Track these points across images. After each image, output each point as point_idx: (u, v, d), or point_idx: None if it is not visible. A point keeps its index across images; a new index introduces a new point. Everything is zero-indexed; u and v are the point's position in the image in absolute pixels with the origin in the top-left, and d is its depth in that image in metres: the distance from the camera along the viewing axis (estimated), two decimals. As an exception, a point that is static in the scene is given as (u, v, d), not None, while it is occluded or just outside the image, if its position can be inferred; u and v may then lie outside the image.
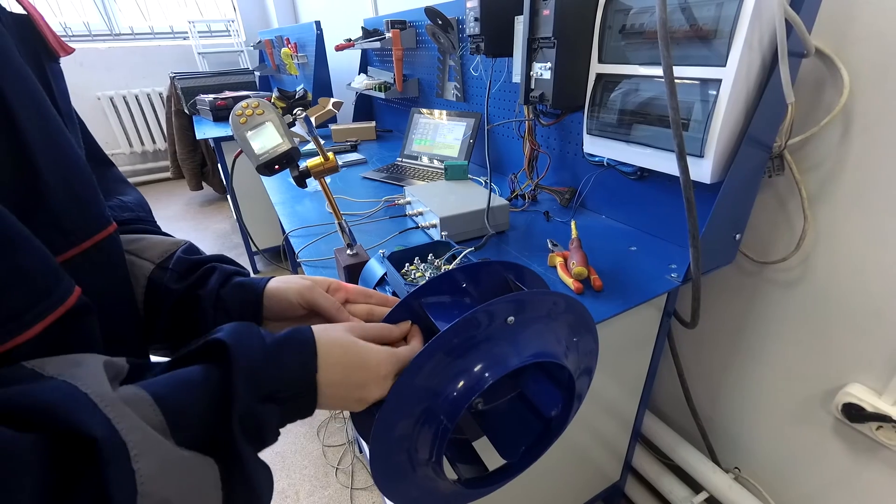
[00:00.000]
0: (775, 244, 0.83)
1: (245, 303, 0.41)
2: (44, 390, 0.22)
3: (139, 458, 0.22)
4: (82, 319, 0.28)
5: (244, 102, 0.54)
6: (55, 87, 0.32)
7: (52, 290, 0.25)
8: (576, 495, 1.07)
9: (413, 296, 0.39)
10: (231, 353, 0.28)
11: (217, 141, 2.10)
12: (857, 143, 0.68)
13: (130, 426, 0.22)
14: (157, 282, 0.40)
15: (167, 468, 0.23)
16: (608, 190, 1.00)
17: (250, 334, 0.30)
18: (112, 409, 0.22)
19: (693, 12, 0.67)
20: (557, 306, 0.37)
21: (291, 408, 0.30)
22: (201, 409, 0.26)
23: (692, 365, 1.07)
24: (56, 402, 0.21)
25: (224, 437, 0.27)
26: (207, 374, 0.28)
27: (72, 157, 0.30)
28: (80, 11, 3.48)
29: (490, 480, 0.42)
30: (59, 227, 0.28)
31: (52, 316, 0.25)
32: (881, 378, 0.73)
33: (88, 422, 0.21)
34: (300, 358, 0.31)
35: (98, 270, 0.32)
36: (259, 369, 0.29)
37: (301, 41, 2.53)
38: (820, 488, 0.88)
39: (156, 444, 0.23)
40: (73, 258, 0.29)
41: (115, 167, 0.46)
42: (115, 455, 0.21)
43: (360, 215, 1.07)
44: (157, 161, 4.02)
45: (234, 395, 0.27)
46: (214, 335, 0.29)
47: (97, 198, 0.32)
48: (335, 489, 1.30)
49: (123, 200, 0.44)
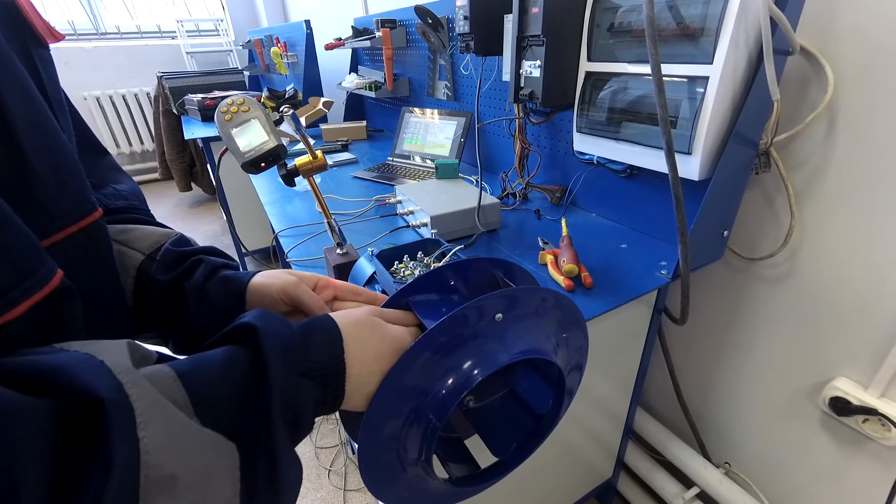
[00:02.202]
0: (763, 240, 0.84)
1: (228, 296, 0.41)
2: (58, 357, 0.22)
3: (146, 425, 0.21)
4: (65, 302, 0.27)
5: (229, 99, 0.53)
6: (43, 74, 0.32)
7: (36, 269, 0.25)
8: (569, 493, 1.07)
9: (400, 294, 0.39)
10: (261, 332, 0.28)
11: (206, 141, 2.08)
12: (841, 139, 0.69)
13: (142, 394, 0.22)
14: (146, 272, 0.40)
15: (178, 442, 0.22)
16: (598, 188, 1.00)
17: (275, 318, 0.30)
18: (126, 376, 0.22)
19: (680, 10, 0.67)
20: (546, 302, 0.37)
21: (323, 387, 0.30)
22: (231, 389, 0.26)
23: (682, 361, 1.08)
24: (68, 366, 0.21)
25: (258, 418, 0.26)
26: (237, 355, 0.27)
27: (59, 142, 0.30)
28: (64, 10, 3.42)
29: (482, 478, 0.42)
30: (46, 211, 0.28)
31: (39, 294, 0.25)
32: (867, 372, 0.74)
33: (97, 383, 0.20)
34: (328, 337, 0.32)
35: (85, 255, 0.32)
36: (291, 349, 0.29)
37: (291, 40, 2.51)
38: (808, 481, 0.89)
39: (168, 416, 0.22)
40: (61, 242, 0.29)
41: (110, 155, 0.46)
42: (120, 419, 0.20)
43: (351, 215, 1.07)
44: (146, 162, 3.97)
45: (269, 369, 0.27)
46: (240, 320, 0.29)
47: (84, 184, 0.32)
48: (328, 491, 1.29)
49: (117, 189, 0.44)
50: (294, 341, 0.29)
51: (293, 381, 0.28)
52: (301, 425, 0.29)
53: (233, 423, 0.25)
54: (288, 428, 0.28)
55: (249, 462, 0.26)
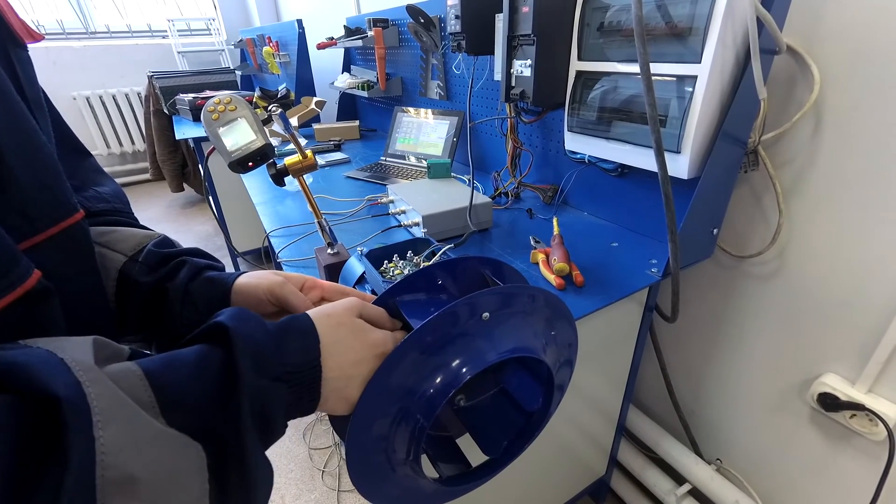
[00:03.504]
0: (751, 238, 0.84)
1: (213, 297, 0.40)
2: (17, 353, 0.21)
3: (104, 425, 0.21)
4: (42, 303, 0.27)
5: (216, 98, 0.52)
6: (21, 74, 0.32)
7: (10, 270, 0.25)
8: (563, 491, 1.08)
9: (388, 294, 0.39)
10: (232, 334, 0.27)
11: (197, 141, 2.06)
12: (827, 137, 0.70)
13: (101, 393, 0.21)
14: (128, 274, 0.40)
15: (140, 442, 0.22)
16: (590, 187, 1.00)
17: (250, 318, 0.30)
18: (86, 374, 0.21)
19: (668, 10, 0.68)
20: (533, 300, 0.37)
21: (297, 391, 0.30)
22: (199, 389, 0.26)
23: (674, 359, 1.08)
24: (26, 363, 0.21)
25: (227, 421, 0.26)
26: (208, 354, 0.27)
27: (37, 143, 0.29)
28: (53, 9, 3.38)
29: (472, 477, 0.42)
30: (23, 213, 0.28)
31: (12, 295, 0.24)
32: (854, 368, 0.75)
33: (54, 382, 0.20)
34: (304, 341, 0.31)
35: (66, 257, 0.31)
36: (263, 349, 0.28)
37: (283, 40, 2.49)
38: (798, 476, 0.90)
39: (129, 416, 0.22)
40: (40, 244, 0.29)
41: (92, 157, 0.46)
42: (76, 418, 0.20)
43: (343, 214, 1.06)
44: (136, 162, 3.92)
45: (240, 372, 0.26)
46: (215, 319, 0.29)
47: (63, 185, 0.31)
48: (321, 492, 1.29)
49: (99, 191, 0.43)
50: (268, 344, 0.29)
51: (264, 386, 0.28)
52: (272, 428, 0.29)
53: (201, 424, 0.25)
54: (258, 431, 0.27)
55: (219, 463, 0.26)
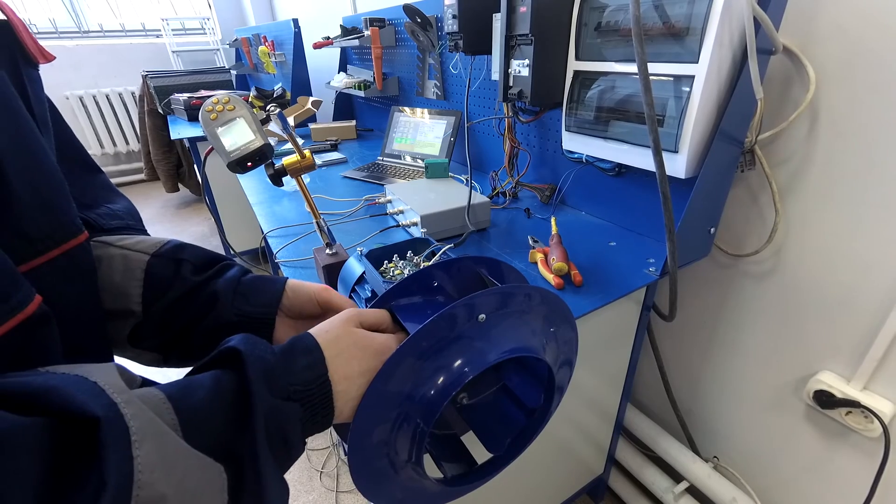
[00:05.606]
0: (748, 237, 0.85)
1: (266, 292, 0.42)
2: (50, 377, 0.22)
3: (141, 444, 0.21)
4: (41, 329, 0.27)
5: (214, 98, 0.52)
6: (31, 93, 0.32)
7: (11, 295, 0.25)
8: (562, 489, 1.08)
9: (384, 298, 0.39)
10: (245, 357, 0.28)
11: (192, 141, 2.05)
12: (823, 137, 0.70)
13: (136, 413, 0.22)
14: (156, 271, 0.40)
15: (170, 461, 0.22)
16: (587, 186, 1.01)
17: (258, 342, 0.31)
18: (120, 395, 0.22)
19: (666, 10, 0.68)
20: (531, 299, 0.37)
21: (310, 407, 0.30)
22: (217, 411, 0.26)
23: (671, 357, 1.09)
24: (61, 387, 0.21)
25: (244, 442, 0.26)
26: (222, 377, 0.28)
27: (44, 163, 0.29)
28: (45, 8, 3.35)
29: (475, 476, 0.42)
30: (25, 235, 0.28)
31: (13, 321, 0.24)
32: (849, 365, 0.75)
33: (92, 403, 0.21)
34: (310, 359, 0.32)
35: (65, 280, 0.31)
36: (274, 370, 0.29)
37: (279, 39, 2.48)
38: (794, 473, 0.91)
39: (161, 435, 0.22)
40: (39, 267, 0.29)
41: (104, 174, 0.46)
42: (116, 437, 0.20)
43: (341, 214, 1.06)
44: (131, 162, 3.89)
45: (254, 394, 0.27)
46: (225, 344, 0.29)
47: (68, 205, 0.31)
48: (320, 493, 1.28)
49: (112, 208, 0.44)
50: (277, 365, 0.30)
51: (278, 405, 0.28)
52: (290, 446, 0.29)
53: (220, 445, 0.25)
54: (276, 450, 0.28)
55: (237, 483, 0.26)
